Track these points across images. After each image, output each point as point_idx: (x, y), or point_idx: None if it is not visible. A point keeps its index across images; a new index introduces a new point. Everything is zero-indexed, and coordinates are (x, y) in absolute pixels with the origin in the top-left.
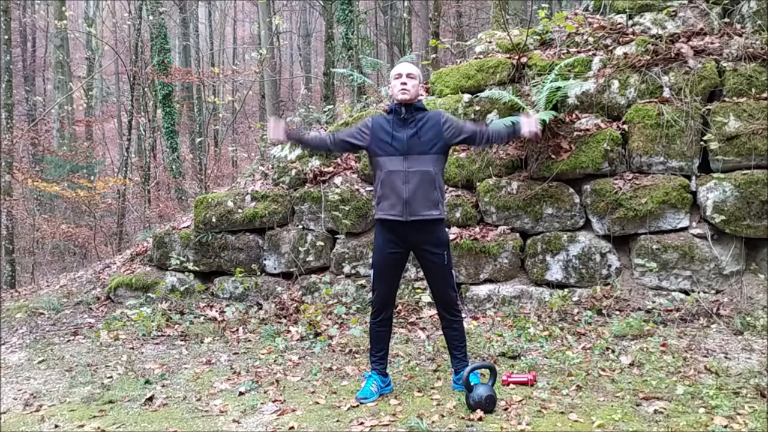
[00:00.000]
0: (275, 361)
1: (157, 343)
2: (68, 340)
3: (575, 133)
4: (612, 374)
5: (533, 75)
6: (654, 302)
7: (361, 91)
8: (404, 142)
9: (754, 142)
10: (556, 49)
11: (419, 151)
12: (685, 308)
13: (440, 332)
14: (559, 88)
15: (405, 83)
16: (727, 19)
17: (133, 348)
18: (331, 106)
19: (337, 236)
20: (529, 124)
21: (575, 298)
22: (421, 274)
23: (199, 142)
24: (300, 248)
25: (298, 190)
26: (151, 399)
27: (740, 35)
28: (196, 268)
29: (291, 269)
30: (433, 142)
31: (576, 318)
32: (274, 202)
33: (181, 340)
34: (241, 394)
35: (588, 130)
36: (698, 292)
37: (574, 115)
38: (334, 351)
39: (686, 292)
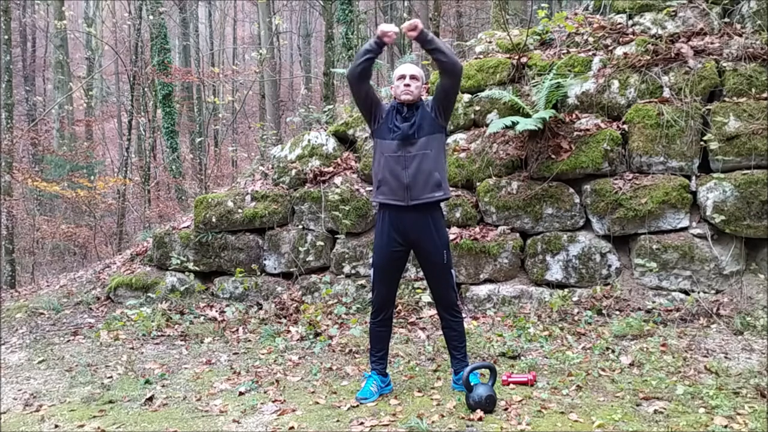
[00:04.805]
0: (275, 361)
1: (157, 343)
2: (68, 340)
3: (575, 133)
4: (612, 374)
5: (533, 75)
6: (654, 302)
7: None
8: (404, 132)
9: (754, 142)
10: (556, 49)
11: (417, 137)
12: (685, 308)
13: (440, 332)
14: (559, 86)
15: (408, 85)
16: (727, 19)
17: (133, 348)
18: (331, 106)
19: (337, 236)
20: (407, 26)
21: (575, 298)
22: (421, 274)
23: (199, 142)
24: (300, 248)
25: (298, 190)
26: (151, 399)
27: (740, 35)
28: (196, 268)
29: (291, 269)
30: (426, 126)
31: (576, 318)
32: (274, 202)
33: (181, 340)
34: (241, 394)
35: (588, 130)
36: (698, 292)
37: (574, 115)
38: (334, 351)
39: (686, 292)
